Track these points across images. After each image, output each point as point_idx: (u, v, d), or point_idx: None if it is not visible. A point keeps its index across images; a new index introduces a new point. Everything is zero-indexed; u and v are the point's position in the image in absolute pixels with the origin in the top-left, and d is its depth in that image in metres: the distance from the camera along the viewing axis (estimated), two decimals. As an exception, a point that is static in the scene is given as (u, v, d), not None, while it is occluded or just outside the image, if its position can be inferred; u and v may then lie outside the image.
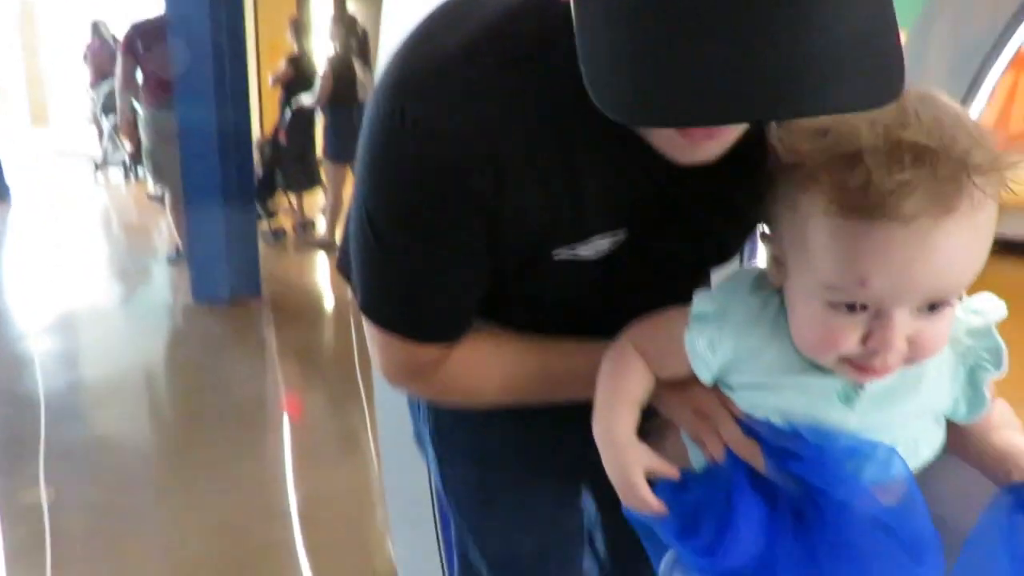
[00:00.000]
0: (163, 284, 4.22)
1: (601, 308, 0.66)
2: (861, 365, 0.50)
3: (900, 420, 0.54)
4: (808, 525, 0.54)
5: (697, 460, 0.61)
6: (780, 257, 0.53)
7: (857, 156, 0.44)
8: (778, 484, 0.55)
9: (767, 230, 0.56)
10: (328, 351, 3.33)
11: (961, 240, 0.45)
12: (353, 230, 0.62)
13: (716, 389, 0.58)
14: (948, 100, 0.48)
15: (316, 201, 5.05)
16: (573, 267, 0.63)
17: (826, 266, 0.47)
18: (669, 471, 0.59)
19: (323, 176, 4.79)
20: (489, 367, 0.69)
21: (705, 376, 0.56)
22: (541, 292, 0.68)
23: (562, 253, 0.62)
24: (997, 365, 0.54)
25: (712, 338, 0.55)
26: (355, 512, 2.03)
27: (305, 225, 4.97)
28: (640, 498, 0.57)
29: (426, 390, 0.73)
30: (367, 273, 0.63)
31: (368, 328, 0.66)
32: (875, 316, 0.47)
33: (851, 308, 0.48)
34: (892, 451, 0.53)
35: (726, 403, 0.57)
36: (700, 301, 0.57)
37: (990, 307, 0.55)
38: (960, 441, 0.57)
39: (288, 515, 1.88)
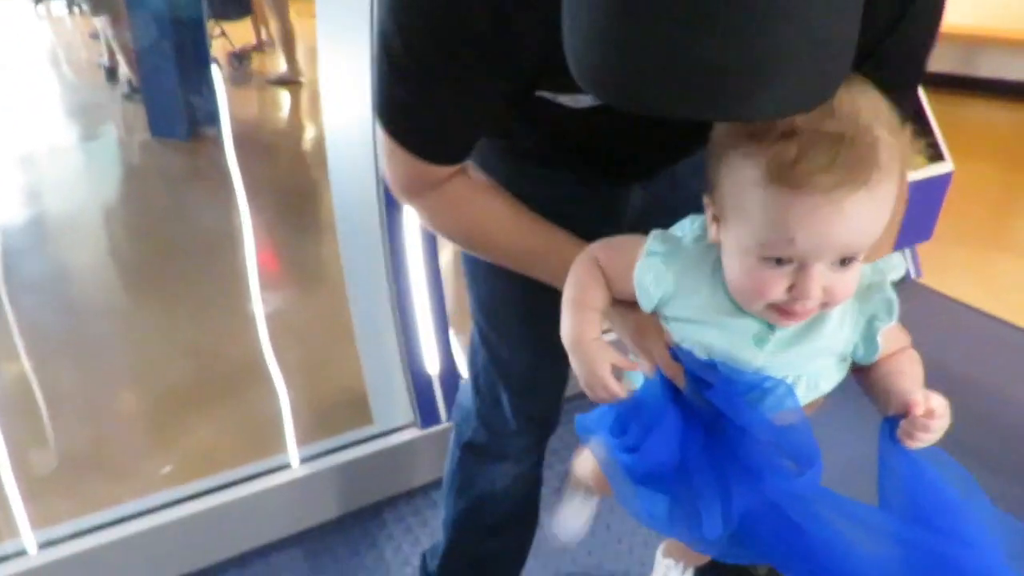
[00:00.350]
0: (119, 120, 4.04)
1: (608, 150, 0.76)
2: (785, 309, 0.60)
3: (803, 360, 0.66)
4: (715, 440, 0.67)
5: (635, 376, 0.73)
6: (719, 216, 0.62)
7: (790, 136, 0.53)
8: (694, 404, 0.67)
9: (708, 194, 0.63)
10: (294, 184, 3.26)
11: (868, 208, 0.56)
12: (375, 38, 0.67)
13: (655, 316, 0.69)
14: (871, 90, 0.57)
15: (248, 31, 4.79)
16: (561, 111, 0.69)
17: (761, 227, 0.57)
18: (630, 365, 0.70)
19: (265, 6, 4.50)
20: (477, 213, 0.78)
21: (646, 305, 0.67)
22: (536, 129, 0.76)
23: (544, 95, 0.68)
24: (890, 316, 0.65)
25: (657, 274, 0.66)
26: (325, 336, 2.05)
27: (241, 57, 4.73)
28: (606, 387, 0.67)
29: (421, 210, 0.79)
30: (380, 84, 0.69)
31: (379, 134, 0.73)
32: (799, 269, 0.58)
33: (779, 262, 0.58)
34: (789, 388, 0.65)
35: (661, 329, 0.69)
36: (653, 241, 0.67)
37: (890, 267, 0.66)
38: (861, 378, 0.70)
39: (257, 339, 1.91)
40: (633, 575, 1.44)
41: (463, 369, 1.76)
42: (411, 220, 1.49)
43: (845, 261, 0.58)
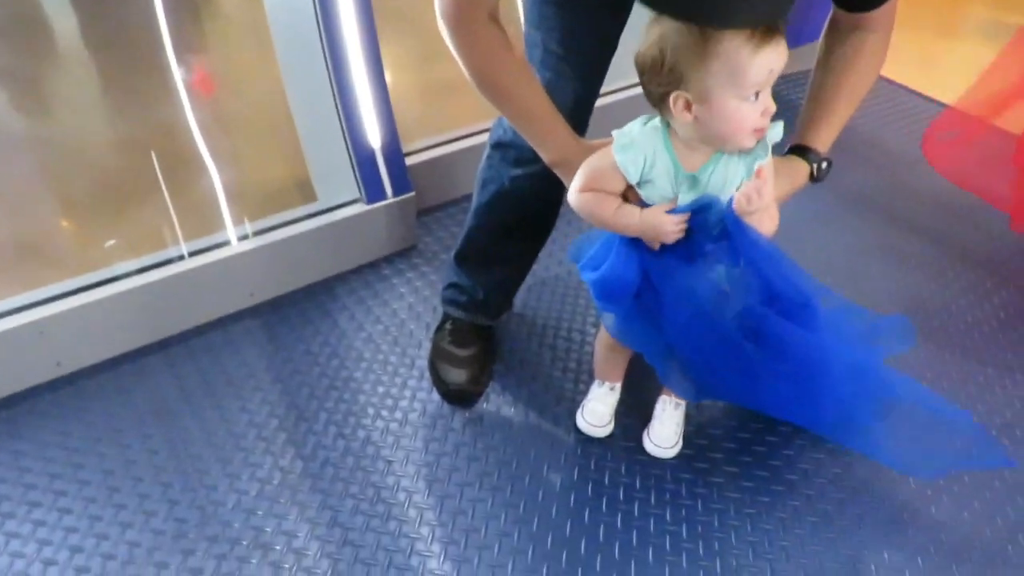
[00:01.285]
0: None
1: None
2: (759, 129, 0.93)
3: (715, 193, 0.99)
4: (660, 268, 1.06)
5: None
6: (695, 99, 0.91)
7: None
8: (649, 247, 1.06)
9: (678, 91, 0.92)
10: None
11: (784, 46, 0.89)
12: None
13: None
14: None
15: None
16: None
17: (749, 78, 0.88)
18: (670, 207, 1.01)
19: None
20: (499, 68, 1.02)
21: (634, 179, 1.00)
22: None
23: None
24: (765, 155, 0.97)
25: (633, 156, 0.98)
26: (266, 122, 1.99)
27: None
28: (674, 223, 1.00)
29: (459, 45, 0.99)
30: None
31: None
32: (759, 99, 0.91)
33: (755, 97, 0.90)
34: (717, 199, 0.98)
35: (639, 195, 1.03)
36: (619, 137, 1.00)
37: (772, 133, 0.97)
38: None
39: (189, 130, 1.84)
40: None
41: (404, 142, 1.75)
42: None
43: (771, 81, 0.92)
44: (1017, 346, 1.51)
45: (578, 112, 1.17)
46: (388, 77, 1.57)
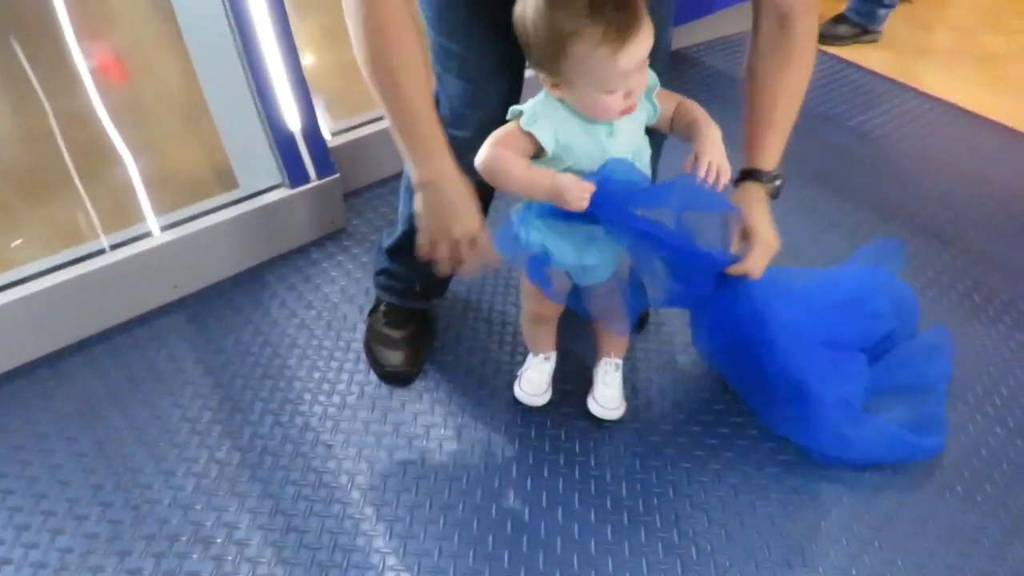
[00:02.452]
0: None
1: None
2: (626, 108, 0.96)
3: (632, 137, 1.02)
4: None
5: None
6: (562, 83, 0.94)
7: (590, 24, 0.88)
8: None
9: (547, 75, 0.96)
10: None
11: (645, 41, 0.91)
12: None
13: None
14: None
15: None
16: None
17: (603, 78, 0.91)
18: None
19: None
20: (396, 49, 0.93)
21: (550, 147, 0.98)
22: None
23: None
24: (656, 86, 1.02)
25: (542, 126, 0.98)
26: (180, 113, 1.92)
27: None
28: (582, 189, 0.96)
29: (361, 12, 0.92)
30: None
31: None
32: (620, 89, 0.93)
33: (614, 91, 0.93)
34: (630, 162, 1.01)
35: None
36: (524, 115, 0.99)
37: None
38: (680, 137, 1.06)
39: (99, 119, 1.76)
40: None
41: (326, 127, 1.71)
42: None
43: (639, 69, 0.93)
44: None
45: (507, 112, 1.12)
46: (304, 57, 1.53)
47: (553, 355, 1.36)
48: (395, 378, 1.39)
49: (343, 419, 1.32)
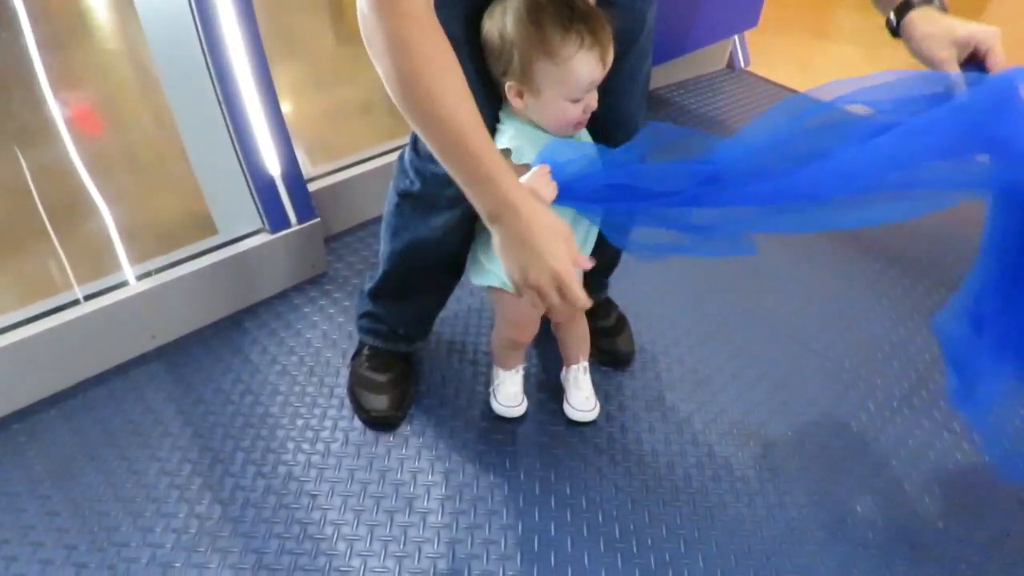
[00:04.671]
0: None
1: None
2: (580, 122, 1.02)
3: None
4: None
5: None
6: (526, 92, 0.99)
7: (568, 33, 0.94)
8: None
9: (514, 83, 0.99)
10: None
11: (603, 59, 0.97)
12: None
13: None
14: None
15: None
16: None
17: (570, 87, 0.97)
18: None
19: None
20: (438, 67, 0.81)
21: (534, 162, 0.99)
22: None
23: None
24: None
25: (530, 155, 1.00)
26: (157, 161, 1.91)
27: None
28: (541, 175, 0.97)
29: (386, 30, 0.79)
30: None
31: None
32: (582, 100, 0.99)
33: (576, 101, 0.99)
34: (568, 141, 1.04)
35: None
36: (514, 154, 1.00)
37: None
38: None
39: (75, 169, 1.74)
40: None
41: (306, 169, 1.71)
42: (226, 13, 1.37)
43: (595, 86, 1.00)
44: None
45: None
46: (284, 104, 1.53)
47: (522, 367, 1.38)
48: (380, 423, 1.36)
49: (327, 468, 1.29)
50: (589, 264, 0.92)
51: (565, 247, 0.87)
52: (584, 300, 0.89)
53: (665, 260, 1.59)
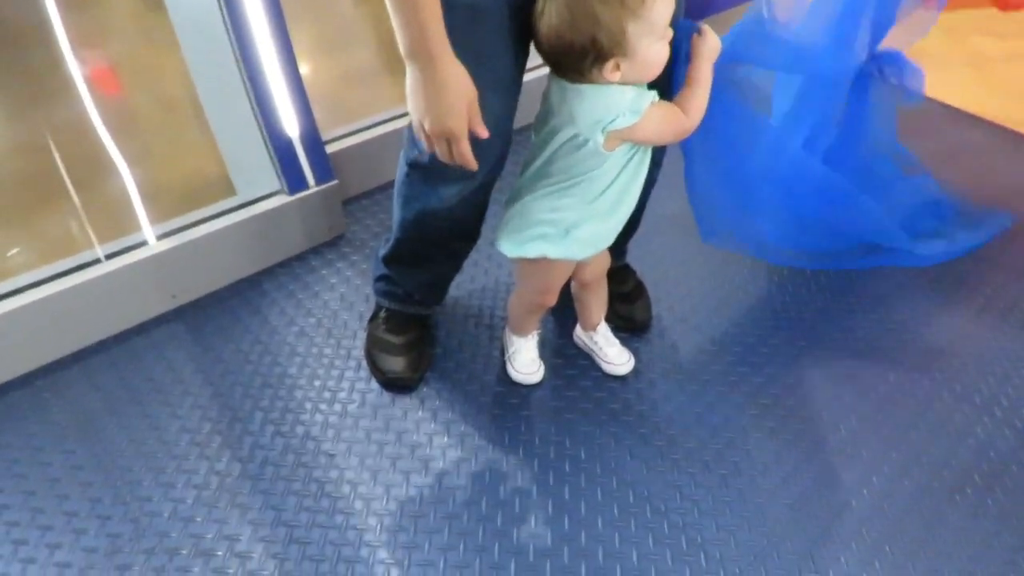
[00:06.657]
0: None
1: None
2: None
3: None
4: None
5: None
6: (624, 55, 0.96)
7: None
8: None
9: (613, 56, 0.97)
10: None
11: None
12: None
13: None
14: None
15: None
16: None
17: (660, 29, 0.97)
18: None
19: None
20: None
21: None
22: None
23: None
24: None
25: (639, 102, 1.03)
26: (176, 121, 1.90)
27: None
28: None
29: None
30: None
31: None
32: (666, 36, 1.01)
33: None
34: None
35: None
36: (630, 113, 1.01)
37: None
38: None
39: (94, 129, 1.74)
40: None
41: (324, 131, 1.70)
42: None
43: None
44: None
45: (499, 132, 1.05)
46: (302, 65, 1.52)
47: (538, 332, 1.40)
48: (396, 385, 1.37)
49: (345, 428, 1.31)
50: (485, 133, 0.96)
51: (466, 109, 0.92)
52: (472, 163, 0.96)
53: (685, 229, 1.57)
